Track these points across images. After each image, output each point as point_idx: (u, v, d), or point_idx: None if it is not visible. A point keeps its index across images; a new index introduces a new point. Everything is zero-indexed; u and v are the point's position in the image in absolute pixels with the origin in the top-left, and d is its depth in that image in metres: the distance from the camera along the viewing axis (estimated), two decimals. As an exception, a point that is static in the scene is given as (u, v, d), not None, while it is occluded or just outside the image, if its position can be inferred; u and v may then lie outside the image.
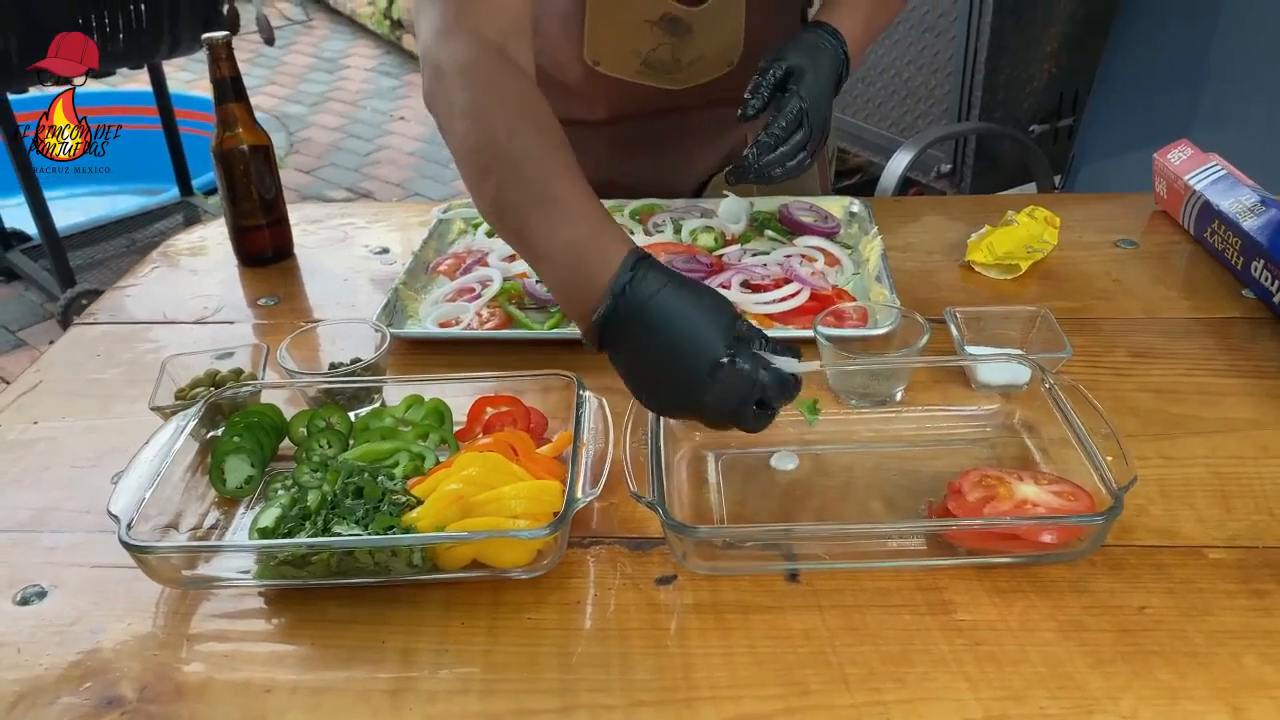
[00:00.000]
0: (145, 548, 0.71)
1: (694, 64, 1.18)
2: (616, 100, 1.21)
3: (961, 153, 2.35)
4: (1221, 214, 1.13)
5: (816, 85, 1.04)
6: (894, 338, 0.96)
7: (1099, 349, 0.99)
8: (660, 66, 1.17)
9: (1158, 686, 0.64)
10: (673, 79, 1.19)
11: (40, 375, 1.03)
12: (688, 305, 0.71)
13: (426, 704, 0.65)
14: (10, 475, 0.88)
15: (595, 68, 1.17)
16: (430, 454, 0.83)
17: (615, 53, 1.16)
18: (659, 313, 0.71)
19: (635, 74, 1.18)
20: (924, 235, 1.24)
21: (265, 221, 1.21)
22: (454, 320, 1.06)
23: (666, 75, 1.18)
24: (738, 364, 0.70)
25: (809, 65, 1.04)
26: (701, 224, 1.20)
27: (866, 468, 0.85)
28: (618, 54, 1.16)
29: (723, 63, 1.19)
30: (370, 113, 4.60)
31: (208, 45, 1.12)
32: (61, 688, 0.67)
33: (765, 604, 0.71)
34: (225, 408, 0.87)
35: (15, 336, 2.94)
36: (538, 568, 0.73)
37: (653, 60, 1.16)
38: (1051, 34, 2.25)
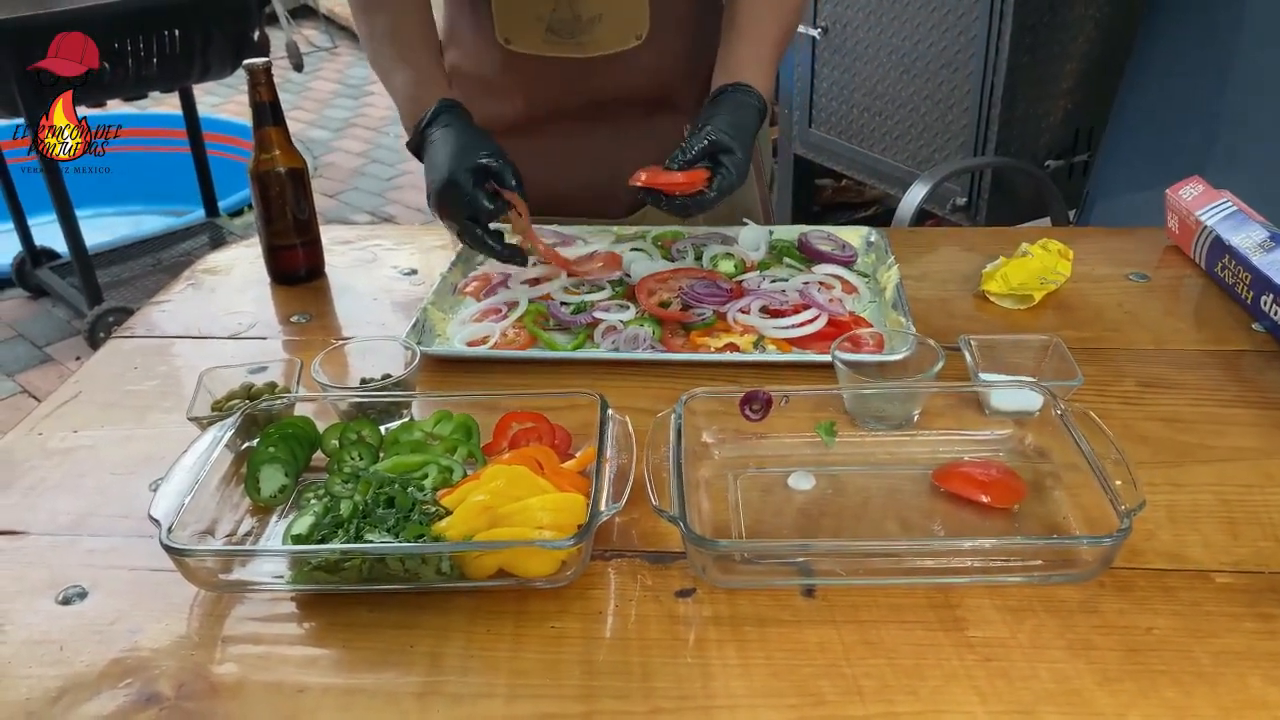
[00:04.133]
0: (185, 551, 0.74)
1: (596, 24, 1.25)
2: (532, 84, 1.29)
3: (977, 186, 2.38)
4: (1232, 249, 1.15)
5: (742, 162, 1.12)
6: (909, 364, 0.98)
7: (1110, 378, 1.01)
8: (564, 29, 1.25)
9: (1164, 704, 0.66)
10: (578, 44, 1.26)
11: (79, 386, 1.06)
12: (449, 142, 1.12)
13: (452, 707, 0.67)
14: (51, 481, 0.91)
15: (508, 46, 1.28)
16: (458, 467, 0.85)
17: (521, 23, 1.27)
18: (431, 143, 1.15)
19: (543, 44, 1.26)
20: (940, 265, 1.27)
21: (299, 241, 1.25)
22: (481, 340, 1.09)
23: (571, 39, 1.25)
24: (457, 185, 1.08)
25: (736, 143, 1.11)
26: (722, 250, 1.23)
27: (881, 488, 0.87)
28: (523, 24, 1.26)
29: (629, 33, 1.26)
30: (393, 139, 4.67)
31: (248, 71, 1.16)
32: (102, 684, 0.70)
33: (782, 618, 0.73)
34: (260, 419, 0.90)
35: (42, 352, 2.99)
36: (561, 578, 0.75)
37: (555, 23, 1.25)
38: (1068, 71, 2.28)
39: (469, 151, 1.10)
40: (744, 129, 1.13)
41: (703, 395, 0.90)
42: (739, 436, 0.91)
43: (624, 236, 1.30)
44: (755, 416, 0.90)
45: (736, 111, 1.15)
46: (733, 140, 1.11)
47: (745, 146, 1.12)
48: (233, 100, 4.94)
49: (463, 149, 1.11)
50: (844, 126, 2.68)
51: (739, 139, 1.11)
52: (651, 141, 1.22)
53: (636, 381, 1.02)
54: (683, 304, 1.13)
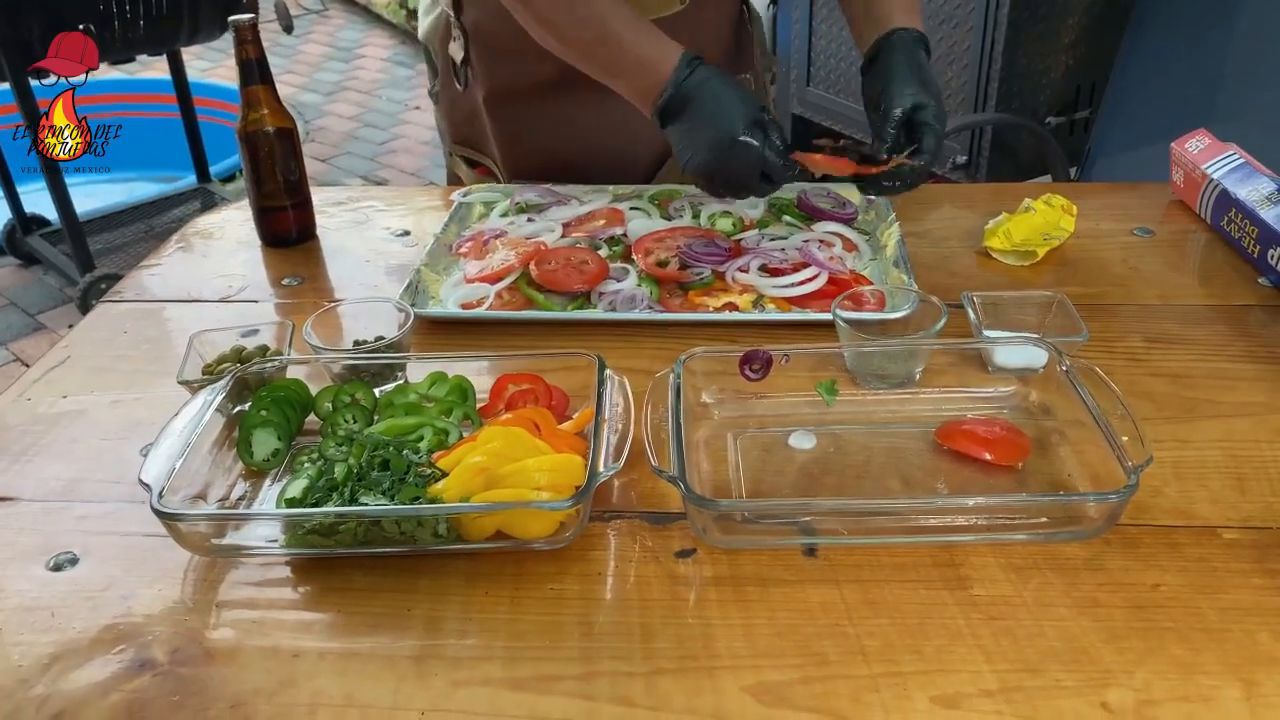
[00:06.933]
0: (176, 515, 0.72)
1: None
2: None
3: (978, 144, 2.36)
4: (1239, 202, 1.13)
5: (939, 108, 1.06)
6: (911, 321, 0.96)
7: (1115, 335, 1.00)
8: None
9: (1171, 661, 0.65)
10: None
11: (68, 351, 1.05)
12: (723, 94, 1.00)
13: (451, 670, 0.66)
14: (40, 446, 0.90)
15: None
16: (454, 429, 0.84)
17: None
18: (700, 97, 1.00)
19: None
20: (941, 222, 1.25)
21: (289, 203, 1.23)
22: (476, 302, 1.08)
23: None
24: (751, 140, 0.98)
25: (927, 97, 1.05)
26: (720, 209, 1.21)
27: (883, 447, 0.86)
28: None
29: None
30: (385, 102, 4.63)
31: (234, 27, 1.14)
32: (94, 650, 0.69)
33: (784, 578, 0.73)
34: (252, 382, 0.89)
35: (34, 320, 2.97)
36: (560, 539, 0.74)
37: None
38: (1069, 25, 2.25)
39: (749, 106, 1.00)
40: (928, 80, 1.07)
41: (702, 355, 0.88)
42: (738, 396, 0.90)
43: (621, 195, 1.27)
44: (755, 376, 0.89)
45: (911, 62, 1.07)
46: (924, 94, 1.05)
47: (937, 96, 1.06)
48: (223, 65, 4.87)
49: (743, 101, 1.01)
50: (842, 85, 2.65)
51: (929, 91, 1.06)
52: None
53: (634, 342, 1.01)
54: (681, 263, 1.11)
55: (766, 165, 1.00)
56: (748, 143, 0.98)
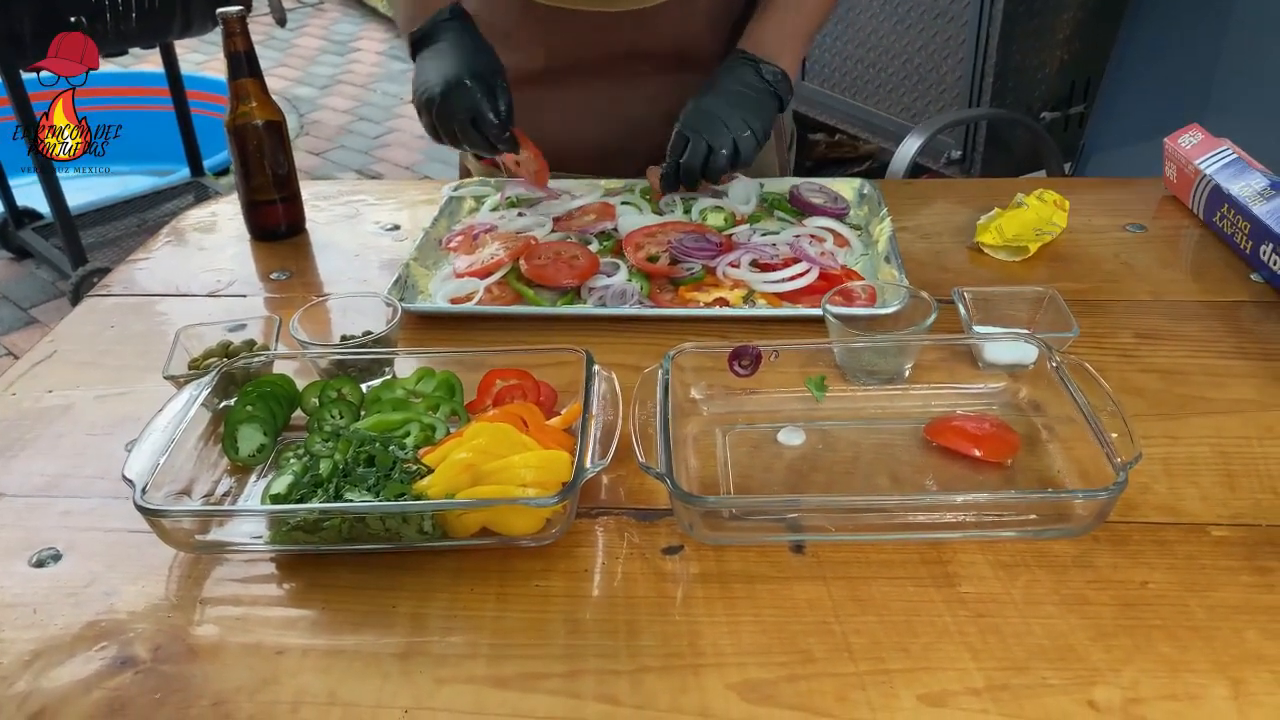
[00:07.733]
0: (160, 511, 0.72)
1: None
2: (553, 36, 1.24)
3: (972, 139, 2.35)
4: (1231, 198, 1.13)
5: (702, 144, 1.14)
6: (902, 317, 0.96)
7: (1106, 331, 1.00)
8: None
9: (1159, 659, 0.65)
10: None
11: (54, 345, 1.04)
12: (466, 43, 1.12)
13: (436, 667, 0.66)
14: (25, 442, 0.89)
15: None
16: (441, 425, 0.83)
17: None
18: (447, 39, 1.13)
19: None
20: (933, 217, 1.24)
21: (278, 197, 1.22)
22: (465, 296, 1.07)
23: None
24: (472, 85, 1.08)
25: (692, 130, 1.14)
26: (711, 204, 1.21)
27: (872, 443, 0.86)
28: None
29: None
30: (380, 96, 4.61)
31: (222, 19, 1.13)
32: (76, 647, 0.68)
33: (771, 574, 0.72)
34: (238, 377, 0.88)
35: (27, 314, 2.96)
36: (546, 536, 0.74)
37: None
38: (1064, 20, 2.24)
39: (484, 59, 1.11)
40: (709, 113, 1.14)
41: (691, 350, 0.88)
42: (728, 392, 0.89)
43: (612, 190, 1.27)
44: (744, 372, 0.88)
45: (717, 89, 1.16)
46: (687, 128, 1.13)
47: (708, 129, 1.13)
48: (216, 58, 4.84)
49: (478, 53, 1.12)
50: (837, 80, 2.64)
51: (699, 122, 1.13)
52: (670, 99, 1.20)
53: (623, 337, 1.00)
54: (671, 258, 1.10)
55: (478, 115, 1.09)
56: (468, 86, 1.08)
